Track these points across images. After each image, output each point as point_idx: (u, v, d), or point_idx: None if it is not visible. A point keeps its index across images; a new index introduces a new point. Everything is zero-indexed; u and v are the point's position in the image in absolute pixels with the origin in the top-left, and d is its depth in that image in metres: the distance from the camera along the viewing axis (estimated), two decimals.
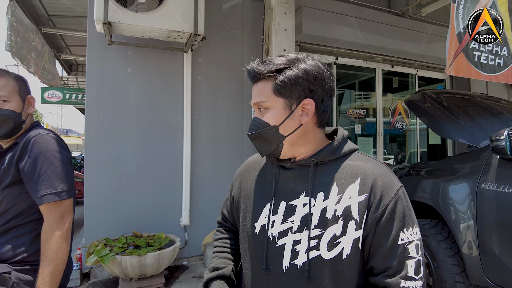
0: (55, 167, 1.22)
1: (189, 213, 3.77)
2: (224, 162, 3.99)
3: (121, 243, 3.15)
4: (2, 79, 1.30)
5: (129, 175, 3.62)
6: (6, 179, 1.22)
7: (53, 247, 1.16)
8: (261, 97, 0.90)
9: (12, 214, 1.23)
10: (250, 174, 1.03)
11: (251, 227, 0.93)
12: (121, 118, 3.60)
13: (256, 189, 0.97)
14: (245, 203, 0.98)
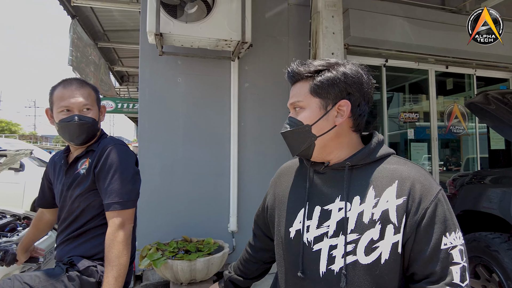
0: (125, 178, 1.30)
1: (237, 219, 3.79)
2: (271, 168, 3.96)
3: (172, 248, 3.24)
4: (86, 89, 1.41)
5: (178, 181, 3.72)
6: (84, 184, 1.31)
7: (115, 253, 1.22)
8: (297, 97, 0.92)
9: (88, 217, 1.32)
10: (283, 180, 1.04)
11: (285, 232, 0.93)
12: (171, 125, 3.73)
13: (290, 195, 0.97)
14: (279, 208, 0.99)
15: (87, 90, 1.41)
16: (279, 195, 1.01)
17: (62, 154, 1.48)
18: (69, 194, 1.35)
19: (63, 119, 1.35)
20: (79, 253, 1.29)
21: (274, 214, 1.02)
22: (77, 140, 1.37)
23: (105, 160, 1.32)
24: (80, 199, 1.34)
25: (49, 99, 1.40)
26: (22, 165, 5.64)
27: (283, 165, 1.11)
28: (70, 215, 1.35)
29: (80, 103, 1.37)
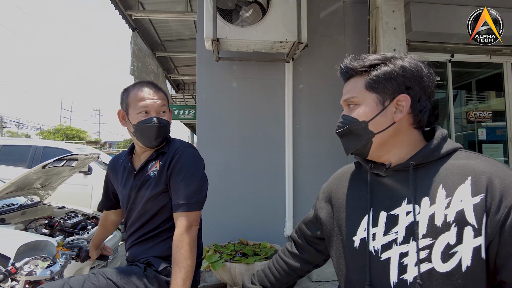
0: (193, 180, 1.31)
1: (293, 223, 3.72)
2: (327, 171, 3.78)
3: (229, 250, 3.25)
4: (161, 92, 1.43)
5: (234, 185, 3.76)
6: (156, 187, 1.33)
7: (183, 254, 1.22)
8: (352, 93, 0.88)
9: (162, 219, 1.35)
10: (340, 187, 0.98)
11: (348, 241, 0.88)
12: (227, 129, 3.78)
13: (349, 202, 0.92)
14: (338, 217, 0.93)
15: (162, 93, 1.42)
16: (337, 203, 0.96)
17: (127, 157, 1.49)
18: (139, 196, 1.37)
19: (142, 121, 1.35)
20: (155, 254, 1.31)
21: (332, 223, 0.96)
22: (155, 142, 1.37)
23: (176, 162, 1.32)
24: (153, 201, 1.34)
25: (123, 101, 1.41)
26: (90, 168, 6.11)
27: (337, 172, 1.06)
28: (141, 216, 1.37)
29: (158, 105, 1.37)
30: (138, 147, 1.47)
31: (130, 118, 1.39)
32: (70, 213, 4.07)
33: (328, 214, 0.98)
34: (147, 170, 1.37)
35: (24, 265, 1.59)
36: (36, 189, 3.99)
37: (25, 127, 35.55)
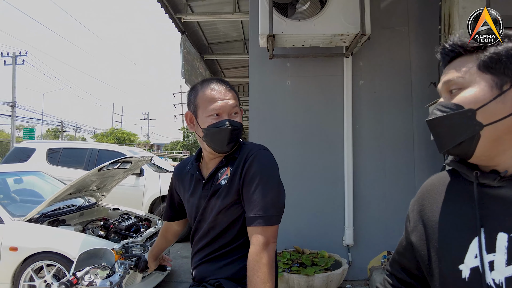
0: (270, 188, 1.12)
1: (353, 231, 3.43)
2: (392, 176, 3.50)
3: (285, 259, 3.06)
4: (233, 91, 1.25)
5: (288, 188, 3.51)
6: (227, 196, 1.16)
7: (261, 278, 1.03)
8: (457, 73, 0.70)
9: (234, 233, 1.17)
10: (433, 203, 0.77)
11: (453, 271, 0.68)
12: (280, 130, 3.60)
13: (448, 220, 0.73)
14: (433, 239, 0.74)
15: (234, 92, 1.25)
16: (430, 222, 0.76)
17: (194, 164, 1.34)
18: (210, 206, 1.21)
19: (213, 125, 1.18)
20: (227, 275, 1.14)
21: (425, 248, 0.76)
22: (227, 148, 1.20)
23: (249, 167, 1.15)
24: (224, 213, 1.18)
25: (191, 102, 1.24)
26: (142, 170, 6.24)
27: (426, 183, 0.84)
28: (211, 230, 1.22)
29: (231, 106, 1.20)
30: (206, 153, 1.29)
31: (199, 121, 1.22)
32: (124, 215, 4.12)
33: (420, 237, 0.78)
34: (218, 179, 1.20)
35: (84, 275, 1.51)
36: (92, 191, 4.09)
37: (81, 131, 38.19)
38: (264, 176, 1.12)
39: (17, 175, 4.33)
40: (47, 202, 3.22)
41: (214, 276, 1.15)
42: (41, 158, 6.76)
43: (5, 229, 3.05)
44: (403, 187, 3.47)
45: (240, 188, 1.14)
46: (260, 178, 1.12)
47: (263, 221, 1.07)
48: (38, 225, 3.14)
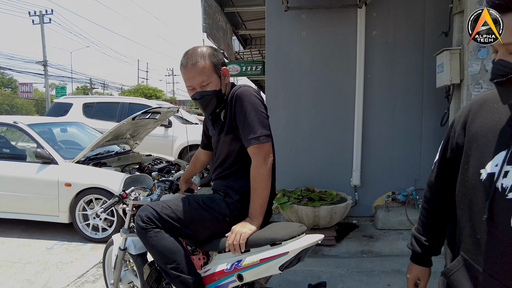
0: (255, 115, 1.40)
1: (360, 173, 3.76)
2: (400, 123, 3.72)
3: (297, 195, 3.46)
4: (201, 63, 1.44)
5: (302, 135, 3.86)
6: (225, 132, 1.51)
7: (260, 184, 1.39)
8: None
9: (232, 159, 1.53)
10: (478, 115, 0.86)
11: (474, 172, 0.82)
12: (296, 80, 3.83)
13: (486, 133, 0.82)
14: (470, 146, 0.85)
15: (201, 65, 1.43)
16: (471, 131, 0.86)
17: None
18: (218, 139, 1.58)
19: (192, 97, 1.52)
20: (231, 186, 1.53)
21: (461, 151, 0.89)
22: (207, 113, 1.55)
23: (233, 107, 1.43)
24: (222, 144, 1.54)
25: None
26: (170, 122, 6.70)
27: (478, 97, 0.91)
28: (220, 156, 1.59)
29: (197, 82, 1.45)
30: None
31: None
32: (156, 160, 4.62)
33: (461, 141, 0.90)
34: (220, 119, 1.56)
35: (131, 192, 1.96)
36: (127, 139, 4.58)
37: (109, 88, 39.25)
38: (245, 109, 1.41)
39: (62, 125, 4.89)
40: (91, 147, 3.72)
41: (223, 187, 1.54)
42: (78, 112, 7.35)
43: (60, 169, 3.60)
44: (410, 135, 3.70)
45: (234, 124, 1.47)
46: (243, 111, 1.41)
47: (255, 141, 1.38)
48: (85, 166, 3.68)
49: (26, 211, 3.72)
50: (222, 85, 1.51)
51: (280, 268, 1.24)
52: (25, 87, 22.99)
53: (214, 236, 1.47)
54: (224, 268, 1.36)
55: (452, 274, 0.87)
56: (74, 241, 3.58)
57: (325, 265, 2.92)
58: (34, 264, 3.06)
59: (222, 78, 1.50)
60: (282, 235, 1.28)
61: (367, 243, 3.32)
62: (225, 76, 1.52)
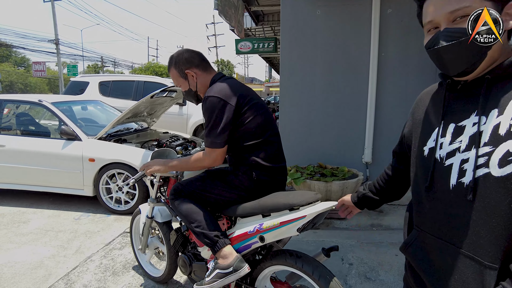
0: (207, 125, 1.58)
1: (372, 151, 3.85)
2: (413, 102, 3.76)
3: (309, 171, 3.59)
4: (170, 72, 1.75)
5: (316, 112, 3.95)
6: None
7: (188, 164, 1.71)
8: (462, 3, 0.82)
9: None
10: (421, 105, 1.01)
11: (419, 151, 0.94)
12: (310, 58, 3.88)
13: (426, 117, 0.96)
14: (416, 131, 0.99)
15: (171, 74, 1.76)
16: (416, 119, 1.01)
17: None
18: None
19: None
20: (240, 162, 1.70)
21: (411, 138, 1.03)
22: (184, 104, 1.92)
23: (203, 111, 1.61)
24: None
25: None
26: (184, 100, 6.82)
27: (422, 92, 1.07)
28: None
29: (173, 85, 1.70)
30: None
31: None
32: (173, 137, 4.79)
33: (409, 130, 1.05)
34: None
35: None
36: (145, 116, 4.74)
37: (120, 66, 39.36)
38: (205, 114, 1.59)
39: (82, 103, 5.06)
40: (112, 124, 3.89)
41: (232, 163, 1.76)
42: (94, 91, 7.52)
43: (83, 145, 3.80)
44: None
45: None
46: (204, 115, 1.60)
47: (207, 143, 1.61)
48: (107, 142, 3.86)
49: (53, 185, 3.96)
50: (191, 85, 1.74)
51: (297, 230, 1.38)
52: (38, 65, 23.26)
53: (233, 203, 1.65)
54: (247, 231, 1.52)
55: (408, 247, 0.96)
56: (98, 213, 3.82)
57: (336, 236, 3.09)
58: (65, 232, 3.31)
59: (189, 79, 1.72)
60: (299, 201, 1.42)
61: (377, 217, 3.46)
62: (195, 77, 1.72)
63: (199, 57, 1.74)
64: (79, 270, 2.61)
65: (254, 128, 1.60)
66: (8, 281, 2.46)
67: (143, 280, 2.46)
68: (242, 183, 1.62)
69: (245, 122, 1.58)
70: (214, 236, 1.57)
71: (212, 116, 1.54)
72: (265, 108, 1.69)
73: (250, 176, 1.60)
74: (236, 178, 1.63)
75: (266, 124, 1.64)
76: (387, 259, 2.65)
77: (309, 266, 1.43)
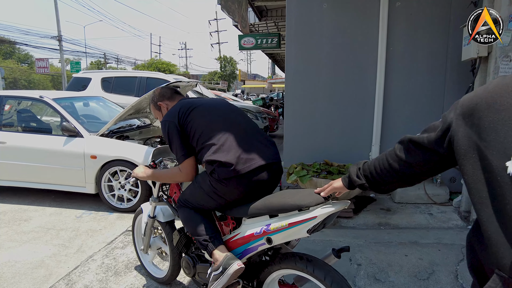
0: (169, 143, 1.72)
1: (379, 148, 3.77)
2: (422, 99, 3.67)
3: (315, 168, 3.51)
4: (151, 108, 2.00)
5: (321, 108, 3.87)
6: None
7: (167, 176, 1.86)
8: None
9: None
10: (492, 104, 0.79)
11: (496, 167, 0.74)
12: (315, 53, 3.79)
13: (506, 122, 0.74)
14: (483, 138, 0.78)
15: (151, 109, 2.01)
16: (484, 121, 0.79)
17: None
18: None
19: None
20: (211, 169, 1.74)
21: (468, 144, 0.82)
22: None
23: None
24: None
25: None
26: (187, 95, 6.77)
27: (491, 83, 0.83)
28: None
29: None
30: None
31: None
32: None
33: (466, 133, 0.83)
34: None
35: (160, 162, 2.04)
36: (147, 113, 4.67)
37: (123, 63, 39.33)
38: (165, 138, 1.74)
39: (84, 99, 5.00)
40: (114, 120, 3.82)
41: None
42: (96, 87, 7.46)
43: (85, 142, 3.74)
44: (432, 109, 3.65)
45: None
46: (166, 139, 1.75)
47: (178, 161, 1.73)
48: (109, 139, 3.80)
49: (55, 182, 3.90)
50: (163, 113, 1.94)
51: (308, 232, 1.30)
52: (41, 62, 23.22)
53: (234, 204, 1.60)
54: (253, 232, 1.45)
55: None
56: (100, 211, 3.76)
57: (343, 235, 3.01)
58: (66, 230, 3.25)
59: (162, 109, 1.94)
60: (309, 201, 1.34)
61: (385, 216, 3.38)
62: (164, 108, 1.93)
63: (170, 91, 1.97)
64: (81, 270, 2.55)
65: (196, 130, 1.65)
66: (8, 281, 2.41)
67: (146, 281, 2.40)
68: (215, 187, 1.57)
69: (189, 128, 1.67)
70: (203, 240, 1.59)
71: (166, 135, 1.72)
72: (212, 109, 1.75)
73: (216, 176, 1.55)
74: (210, 183, 1.59)
75: (212, 123, 1.68)
76: (397, 259, 2.57)
77: (320, 271, 1.35)
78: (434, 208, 3.53)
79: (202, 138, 1.62)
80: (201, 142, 1.63)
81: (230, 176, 1.51)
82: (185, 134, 1.68)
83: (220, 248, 1.54)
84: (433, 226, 3.14)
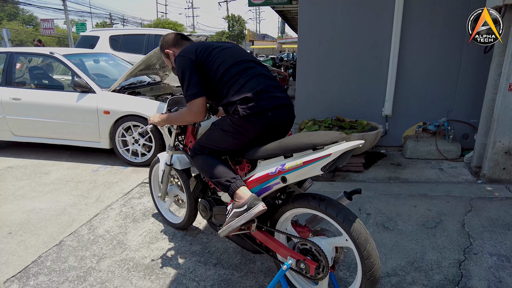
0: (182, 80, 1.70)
1: (392, 103, 3.72)
2: (438, 56, 3.55)
3: (327, 123, 3.51)
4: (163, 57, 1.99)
5: (335, 63, 3.78)
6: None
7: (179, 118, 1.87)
8: None
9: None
10: None
11: None
12: (330, 10, 3.65)
13: None
14: None
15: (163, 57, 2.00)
16: None
17: None
18: None
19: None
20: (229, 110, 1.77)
21: None
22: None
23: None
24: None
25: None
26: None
27: None
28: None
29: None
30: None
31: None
32: None
33: None
34: None
35: (175, 111, 2.07)
36: (157, 69, 4.64)
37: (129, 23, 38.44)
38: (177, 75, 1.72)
39: (94, 56, 4.97)
40: (125, 76, 3.82)
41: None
42: (105, 45, 7.37)
43: (98, 97, 3.77)
44: (448, 64, 3.54)
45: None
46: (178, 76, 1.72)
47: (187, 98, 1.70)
48: (122, 95, 3.82)
49: (70, 137, 4.00)
50: (172, 61, 1.92)
51: (322, 169, 1.33)
52: (47, 23, 22.81)
53: (250, 145, 1.63)
54: (269, 172, 1.48)
55: None
56: (116, 165, 3.87)
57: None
58: (84, 183, 3.38)
59: (170, 57, 1.93)
60: (324, 140, 1.36)
61: (395, 171, 3.41)
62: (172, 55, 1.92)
63: (176, 37, 1.95)
64: (100, 217, 2.68)
65: (218, 69, 1.66)
66: (36, 225, 2.56)
67: (163, 226, 2.52)
68: (238, 124, 1.59)
69: (210, 67, 1.67)
70: (225, 181, 1.61)
71: (180, 71, 1.69)
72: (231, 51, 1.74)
73: (239, 113, 1.57)
74: (231, 122, 1.61)
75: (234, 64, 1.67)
76: (405, 210, 2.63)
77: (332, 208, 1.40)
78: (445, 164, 3.54)
79: (225, 77, 1.64)
80: (223, 81, 1.64)
81: (252, 112, 1.54)
82: (204, 72, 1.68)
83: (243, 188, 1.58)
84: (443, 181, 3.17)
